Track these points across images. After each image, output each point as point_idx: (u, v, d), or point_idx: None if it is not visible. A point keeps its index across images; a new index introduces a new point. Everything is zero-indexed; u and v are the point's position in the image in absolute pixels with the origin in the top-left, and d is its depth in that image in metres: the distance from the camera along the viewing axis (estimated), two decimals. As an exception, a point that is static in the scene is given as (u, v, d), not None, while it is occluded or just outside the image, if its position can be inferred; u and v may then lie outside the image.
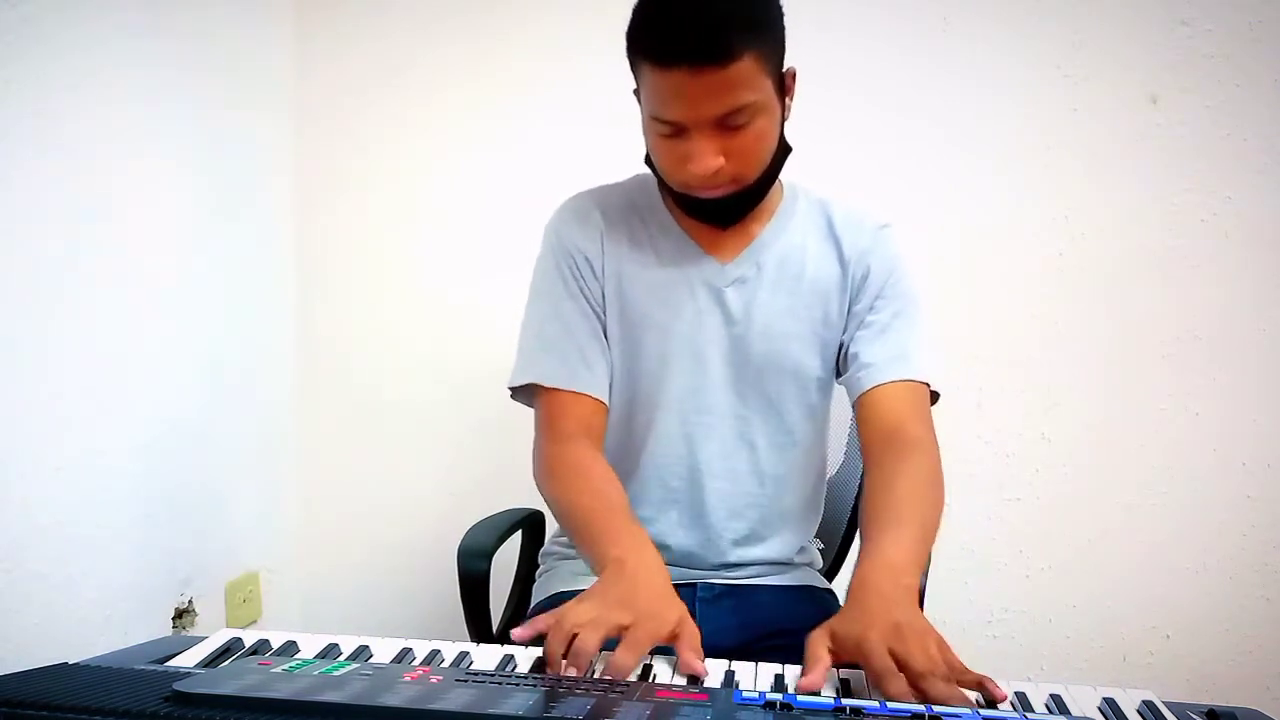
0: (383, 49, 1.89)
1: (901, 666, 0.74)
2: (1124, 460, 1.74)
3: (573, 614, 0.79)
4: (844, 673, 0.80)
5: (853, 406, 1.12)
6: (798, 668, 0.79)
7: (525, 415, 1.17)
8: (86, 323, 1.42)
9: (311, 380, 1.96)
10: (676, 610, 0.84)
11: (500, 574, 1.22)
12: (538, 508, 1.35)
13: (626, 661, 0.76)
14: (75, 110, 1.38)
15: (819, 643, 0.80)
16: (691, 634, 0.82)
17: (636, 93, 1.03)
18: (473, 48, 1.86)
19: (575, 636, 0.76)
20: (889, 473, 1.02)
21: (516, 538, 1.32)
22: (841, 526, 1.40)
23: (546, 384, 1.10)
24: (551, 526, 1.31)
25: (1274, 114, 1.66)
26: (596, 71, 1.79)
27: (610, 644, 0.78)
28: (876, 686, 0.75)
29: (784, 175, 1.15)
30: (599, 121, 1.81)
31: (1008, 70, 1.72)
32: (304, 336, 1.96)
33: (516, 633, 0.79)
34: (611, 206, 1.15)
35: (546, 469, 1.08)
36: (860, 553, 0.93)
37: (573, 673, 0.74)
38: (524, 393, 1.14)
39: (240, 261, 1.80)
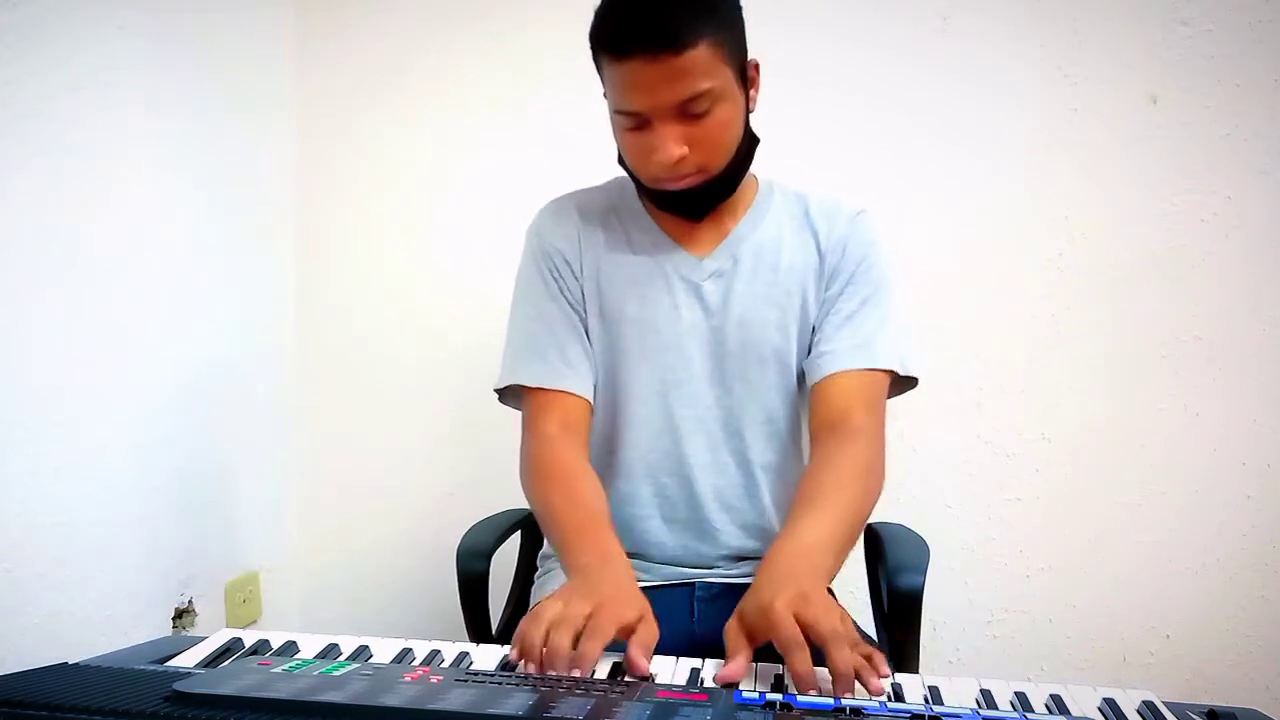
0: (383, 48, 1.89)
1: (807, 632, 0.75)
2: (1124, 460, 1.74)
3: (540, 617, 0.80)
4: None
5: (810, 391, 1.12)
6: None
7: (525, 415, 1.17)
8: (86, 323, 1.42)
9: (312, 380, 1.96)
10: (638, 605, 0.84)
11: (500, 574, 1.22)
12: (538, 508, 1.35)
13: (590, 649, 0.76)
14: (76, 110, 1.38)
15: (734, 631, 0.81)
16: (648, 631, 0.82)
17: (607, 97, 1.05)
18: (474, 47, 1.86)
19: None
20: (824, 459, 1.03)
21: (516, 538, 1.32)
22: (841, 526, 1.39)
23: (529, 384, 1.12)
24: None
25: (1274, 114, 1.66)
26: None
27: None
28: (785, 660, 0.75)
29: (763, 172, 1.16)
30: (599, 121, 1.80)
31: (1008, 70, 1.72)
32: (304, 336, 1.96)
33: (512, 656, 0.79)
34: (589, 206, 1.18)
35: (530, 470, 1.09)
36: (778, 535, 0.94)
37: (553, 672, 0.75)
38: (510, 395, 1.16)
39: (241, 261, 1.79)
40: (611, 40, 0.97)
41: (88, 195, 1.41)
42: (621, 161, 1.10)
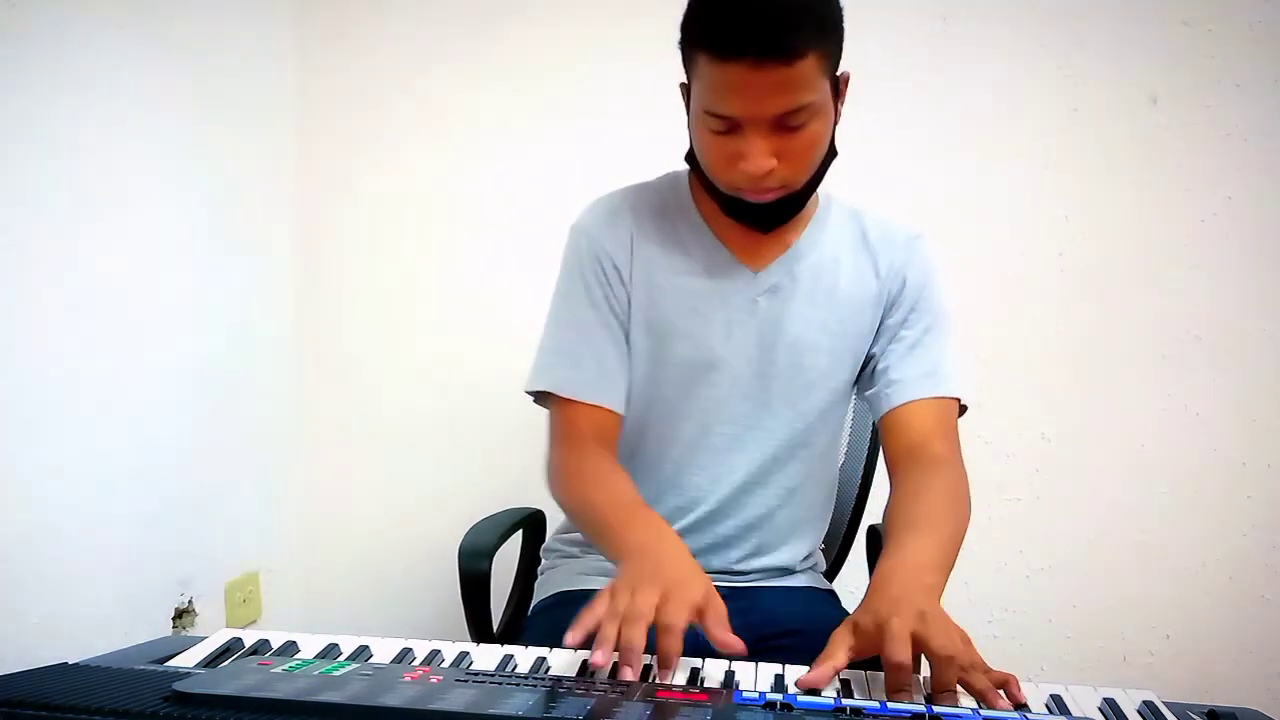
0: (384, 58, 1.89)
1: (923, 648, 0.74)
2: (1124, 460, 1.74)
3: (610, 606, 0.77)
4: (844, 673, 0.79)
5: (877, 422, 1.11)
6: (798, 668, 0.78)
7: (526, 414, 1.17)
8: (87, 324, 1.42)
9: (311, 381, 1.96)
10: (703, 579, 0.83)
11: (501, 574, 1.22)
12: (539, 507, 1.35)
13: (671, 648, 0.75)
14: (77, 116, 1.39)
15: (840, 641, 0.79)
16: (718, 609, 0.80)
17: (683, 87, 1.00)
18: (475, 54, 1.86)
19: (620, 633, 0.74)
20: (913, 487, 1.00)
21: (517, 537, 1.32)
22: (842, 527, 1.39)
23: (561, 393, 1.08)
24: (553, 525, 1.31)
25: (1274, 114, 1.66)
26: (598, 79, 1.79)
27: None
28: (888, 672, 0.74)
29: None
30: (600, 128, 1.81)
31: (1008, 70, 1.72)
32: (304, 337, 1.95)
33: (569, 638, 0.76)
34: (643, 208, 1.12)
35: (559, 476, 1.07)
36: (881, 556, 0.92)
37: (629, 673, 0.72)
38: (540, 395, 1.13)
39: (241, 261, 1.79)
40: (717, 38, 0.89)
41: (88, 197, 1.41)
42: (690, 159, 1.06)
